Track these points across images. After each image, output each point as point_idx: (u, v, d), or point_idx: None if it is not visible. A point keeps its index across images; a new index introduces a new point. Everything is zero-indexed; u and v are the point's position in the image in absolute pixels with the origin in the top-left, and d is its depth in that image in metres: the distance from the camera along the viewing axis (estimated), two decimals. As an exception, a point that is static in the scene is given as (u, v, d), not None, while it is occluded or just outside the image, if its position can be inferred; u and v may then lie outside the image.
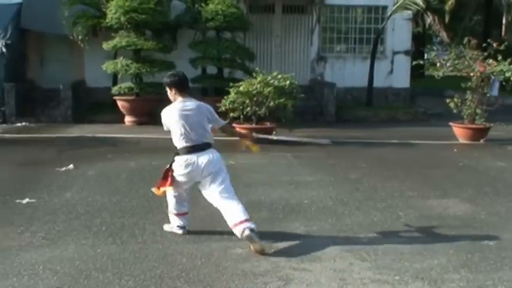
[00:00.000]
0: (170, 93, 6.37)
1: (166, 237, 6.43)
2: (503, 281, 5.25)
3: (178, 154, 6.26)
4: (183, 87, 6.35)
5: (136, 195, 8.36)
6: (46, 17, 18.29)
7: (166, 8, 18.03)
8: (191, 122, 6.16)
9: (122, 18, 16.64)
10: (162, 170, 6.45)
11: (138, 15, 16.51)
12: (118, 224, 6.93)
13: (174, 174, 6.30)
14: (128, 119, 17.40)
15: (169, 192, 6.50)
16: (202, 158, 6.14)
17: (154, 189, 6.55)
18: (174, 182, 6.33)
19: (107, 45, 17.31)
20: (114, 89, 17.40)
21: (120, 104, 17.44)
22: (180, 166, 6.22)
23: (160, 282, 5.16)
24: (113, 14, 16.82)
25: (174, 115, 6.19)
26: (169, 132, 6.35)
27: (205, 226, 6.82)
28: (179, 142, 6.22)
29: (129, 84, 17.30)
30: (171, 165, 6.33)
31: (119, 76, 18.16)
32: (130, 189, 8.79)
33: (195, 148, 6.17)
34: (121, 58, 17.34)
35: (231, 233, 6.35)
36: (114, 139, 14.33)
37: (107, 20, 17.06)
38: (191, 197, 6.69)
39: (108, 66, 17.33)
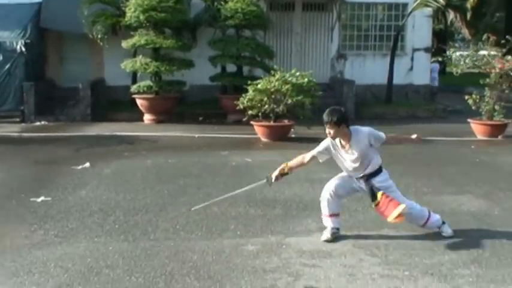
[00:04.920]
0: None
1: (179, 234, 6.45)
2: (513, 277, 5.23)
3: None
4: None
5: (150, 193, 8.40)
6: (65, 16, 18.42)
7: (186, 6, 18.07)
8: None
9: (141, 17, 16.74)
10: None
11: (157, 13, 16.59)
12: (131, 222, 6.96)
13: None
14: (146, 117, 17.47)
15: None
16: None
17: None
18: None
19: (126, 44, 17.39)
20: (133, 88, 17.50)
21: (139, 102, 17.54)
22: None
23: (170, 279, 5.18)
24: (132, 12, 16.93)
25: None
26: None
27: (218, 223, 6.84)
28: None
29: (148, 82, 17.40)
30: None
31: (138, 74, 18.33)
32: (145, 187, 8.83)
33: None
34: (140, 56, 17.42)
35: (243, 230, 6.38)
36: (132, 137, 14.39)
37: (126, 19, 17.19)
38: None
39: (127, 65, 17.41)
